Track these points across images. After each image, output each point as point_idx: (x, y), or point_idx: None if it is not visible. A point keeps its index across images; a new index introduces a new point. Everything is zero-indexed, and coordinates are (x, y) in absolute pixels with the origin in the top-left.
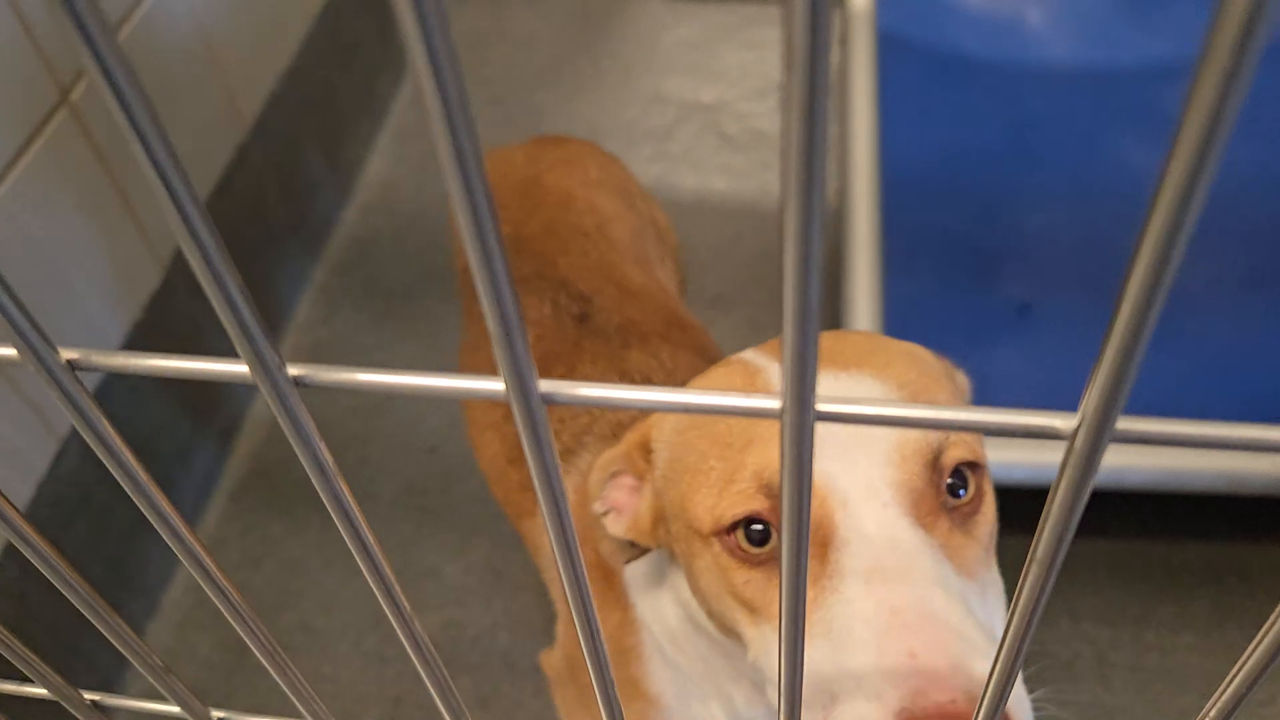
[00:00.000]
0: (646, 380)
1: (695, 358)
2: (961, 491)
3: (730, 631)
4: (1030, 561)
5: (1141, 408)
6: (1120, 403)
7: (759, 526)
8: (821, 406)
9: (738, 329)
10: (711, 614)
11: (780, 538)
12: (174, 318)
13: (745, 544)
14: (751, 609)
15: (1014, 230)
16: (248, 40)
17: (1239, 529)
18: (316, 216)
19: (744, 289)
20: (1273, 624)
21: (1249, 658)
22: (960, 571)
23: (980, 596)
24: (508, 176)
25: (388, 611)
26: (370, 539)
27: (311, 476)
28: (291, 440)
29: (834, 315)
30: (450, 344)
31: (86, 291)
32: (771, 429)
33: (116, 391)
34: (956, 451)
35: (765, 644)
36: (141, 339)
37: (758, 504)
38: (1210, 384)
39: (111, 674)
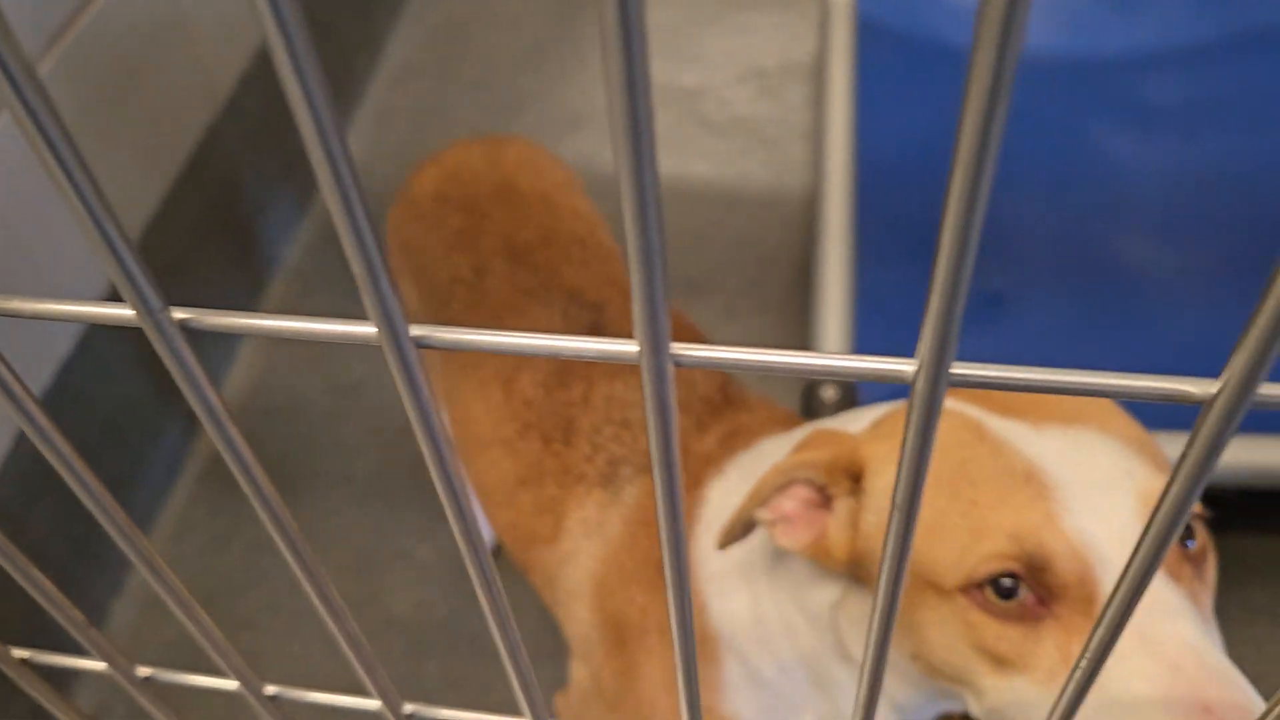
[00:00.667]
0: (689, 389)
1: None
2: (1190, 542)
3: (953, 679)
4: (893, 507)
5: None
6: (951, 348)
7: (1008, 582)
8: (676, 349)
9: (715, 315)
10: (931, 659)
11: (1025, 589)
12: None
13: (994, 598)
14: (1001, 662)
15: (989, 220)
16: (221, 18)
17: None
18: (291, 197)
19: (721, 275)
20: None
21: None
22: (1205, 619)
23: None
24: (477, 178)
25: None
26: (271, 493)
27: (203, 420)
28: (180, 384)
29: (805, 302)
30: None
31: (53, 268)
32: (1024, 490)
33: (83, 370)
34: None
35: (1014, 695)
36: None
37: (1012, 564)
38: (1180, 372)
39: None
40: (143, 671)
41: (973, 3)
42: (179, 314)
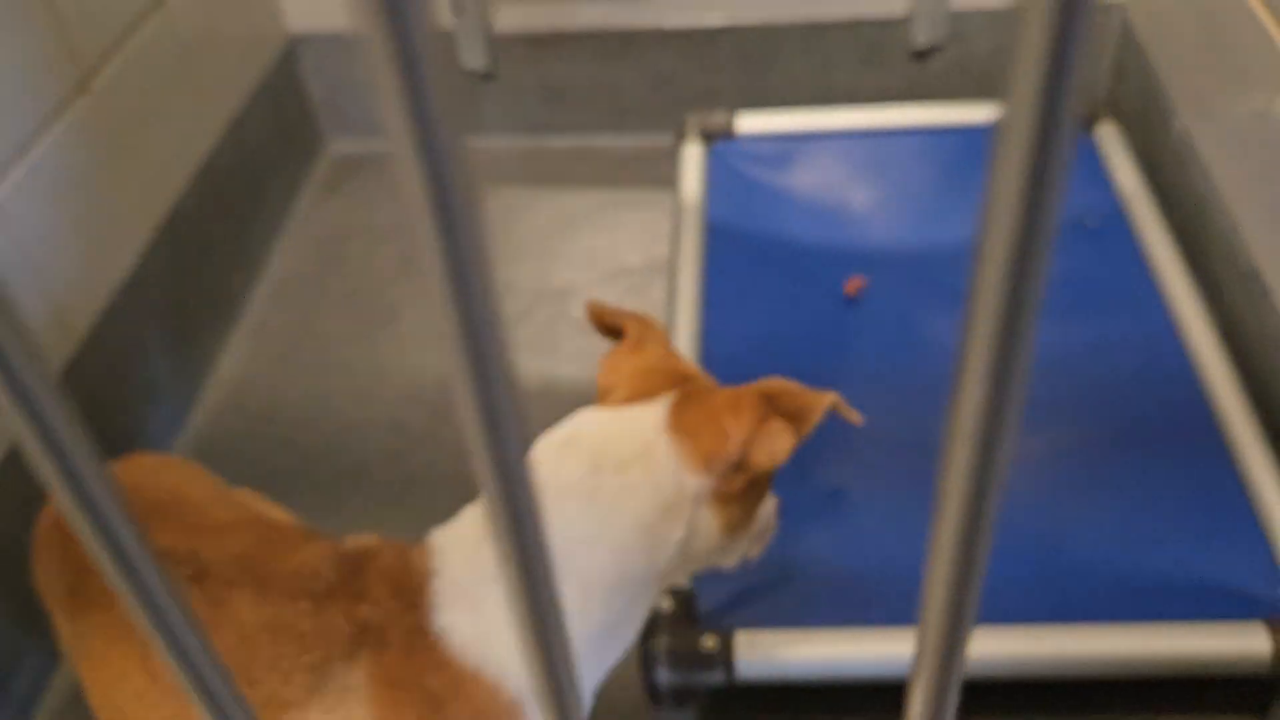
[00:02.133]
0: None
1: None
2: None
3: None
4: None
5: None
6: None
7: None
8: None
9: None
10: None
11: None
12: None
13: None
14: None
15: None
16: (77, 258)
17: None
18: (160, 419)
19: None
20: None
21: None
22: None
23: None
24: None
25: None
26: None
27: None
28: None
29: None
30: None
31: None
32: None
33: None
34: None
35: None
36: None
37: None
38: (1006, 556)
39: None
40: None
41: (819, 201)
42: None
